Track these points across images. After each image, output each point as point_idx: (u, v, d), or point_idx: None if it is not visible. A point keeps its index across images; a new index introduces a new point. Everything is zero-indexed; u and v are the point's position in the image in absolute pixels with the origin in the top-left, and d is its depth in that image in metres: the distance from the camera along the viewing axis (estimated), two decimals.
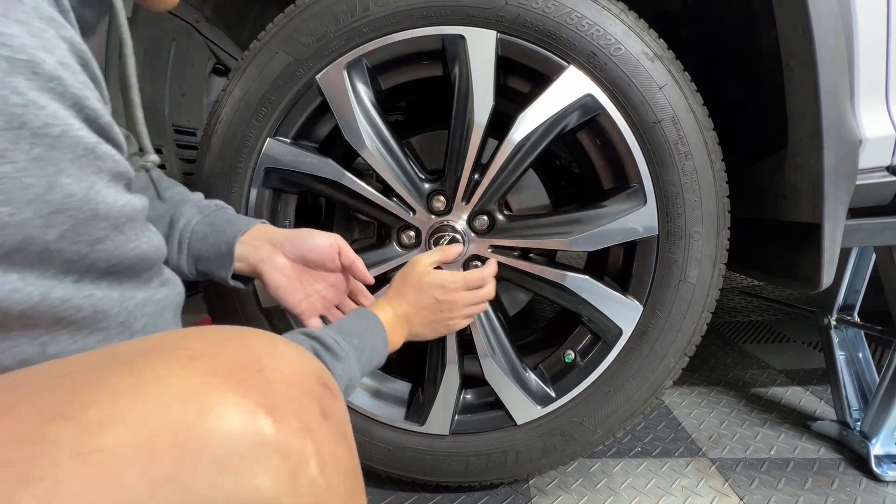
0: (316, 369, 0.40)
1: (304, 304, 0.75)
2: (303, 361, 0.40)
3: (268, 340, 0.40)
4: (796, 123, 0.89)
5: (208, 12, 1.26)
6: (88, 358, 0.34)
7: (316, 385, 0.39)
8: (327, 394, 0.39)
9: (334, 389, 0.41)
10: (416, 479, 1.03)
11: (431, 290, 0.79)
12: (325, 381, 0.40)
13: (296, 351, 0.41)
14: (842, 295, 1.22)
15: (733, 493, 1.01)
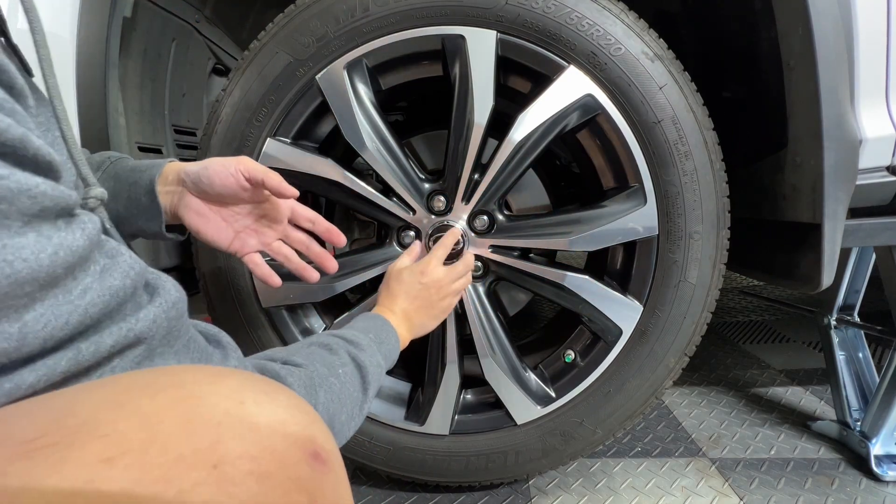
0: (301, 434, 0.31)
1: (236, 242, 0.69)
2: (282, 427, 0.30)
3: (230, 400, 0.29)
4: (796, 123, 0.89)
5: (208, 12, 1.26)
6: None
7: (300, 463, 0.29)
8: (316, 470, 0.30)
9: (327, 454, 0.32)
10: (416, 479, 1.03)
11: (413, 278, 0.82)
12: (314, 447, 0.31)
13: (272, 409, 0.30)
14: (842, 295, 1.22)
15: (733, 493, 1.01)
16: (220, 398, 0.29)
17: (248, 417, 0.29)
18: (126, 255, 0.36)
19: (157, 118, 1.15)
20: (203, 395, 0.29)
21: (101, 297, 0.33)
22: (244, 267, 0.94)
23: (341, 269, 0.96)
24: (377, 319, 0.74)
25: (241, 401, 0.29)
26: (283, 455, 0.28)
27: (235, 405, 0.29)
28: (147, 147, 1.11)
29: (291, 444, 0.29)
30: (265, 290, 0.95)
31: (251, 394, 0.30)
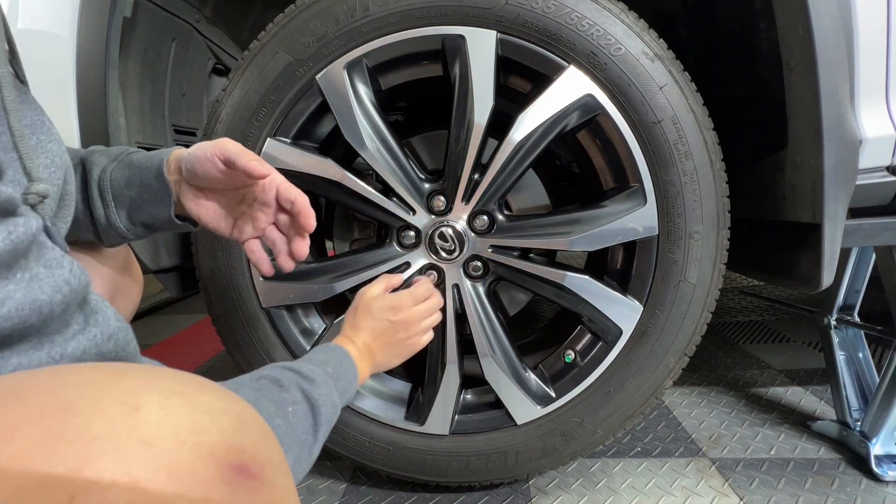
0: (222, 443, 0.25)
1: (235, 230, 0.68)
2: (192, 437, 0.24)
3: (121, 406, 0.23)
4: (796, 123, 0.89)
5: (208, 12, 1.26)
6: None
7: (213, 480, 0.24)
8: (239, 488, 0.24)
9: (259, 465, 0.26)
10: (416, 479, 1.03)
11: (383, 314, 0.79)
12: (237, 459, 0.25)
13: (183, 413, 0.25)
14: (842, 295, 1.22)
15: (733, 493, 1.01)
16: (106, 403, 0.23)
17: (141, 427, 0.23)
18: (66, 268, 0.32)
19: (157, 118, 1.15)
20: (82, 401, 0.23)
21: (19, 311, 0.28)
22: (244, 266, 0.94)
23: (341, 269, 0.96)
24: (338, 352, 0.71)
25: (135, 406, 0.24)
26: (187, 473, 0.23)
27: (125, 413, 0.23)
28: (147, 147, 1.10)
29: (203, 457, 0.24)
30: (265, 290, 0.95)
31: (156, 396, 0.25)
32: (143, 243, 0.99)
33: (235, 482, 0.24)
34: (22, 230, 0.29)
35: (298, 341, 0.98)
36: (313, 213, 0.64)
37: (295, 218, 0.64)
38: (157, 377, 0.26)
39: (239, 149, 0.60)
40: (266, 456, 0.27)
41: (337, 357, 0.70)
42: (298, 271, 0.97)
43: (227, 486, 0.24)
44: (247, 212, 0.67)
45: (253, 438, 0.27)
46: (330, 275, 0.96)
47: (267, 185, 0.64)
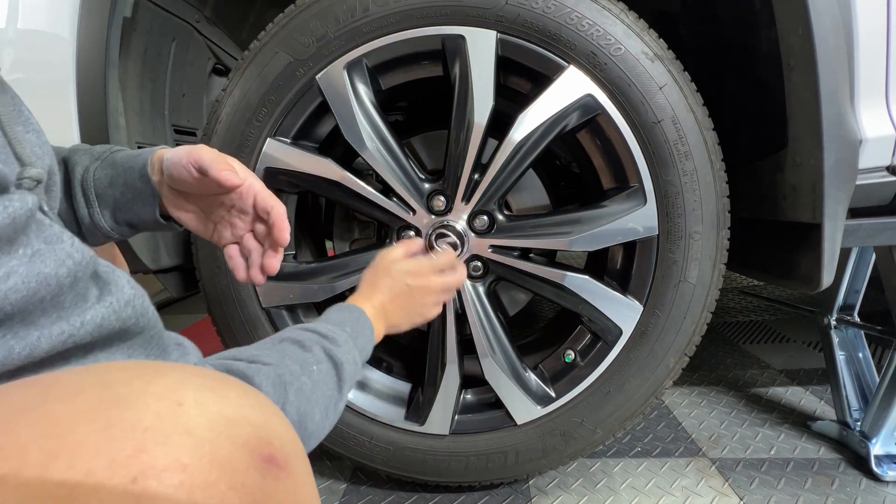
0: (253, 436, 0.27)
1: (215, 234, 0.66)
2: (227, 429, 0.26)
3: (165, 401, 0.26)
4: (796, 123, 0.88)
5: (208, 12, 1.26)
6: None
7: (248, 468, 0.26)
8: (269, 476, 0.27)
9: (284, 456, 0.28)
10: (416, 479, 1.03)
11: (403, 277, 0.79)
12: (265, 450, 0.27)
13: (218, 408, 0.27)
14: (842, 295, 1.22)
15: (733, 493, 1.01)
16: (151, 399, 0.25)
17: (184, 420, 0.25)
18: (67, 242, 0.33)
19: (157, 118, 1.15)
20: (131, 396, 0.25)
21: (26, 284, 0.29)
22: None
23: (341, 269, 0.96)
24: (353, 311, 0.71)
25: (178, 401, 0.26)
26: (225, 461, 0.25)
27: (170, 406, 0.25)
28: (147, 147, 1.10)
29: (238, 447, 0.26)
30: (265, 290, 0.95)
31: (192, 392, 0.27)
32: (144, 243, 0.99)
33: (265, 471, 0.27)
34: (18, 205, 0.30)
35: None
36: (288, 226, 0.62)
37: (270, 229, 0.62)
38: (191, 374, 0.29)
39: (212, 157, 0.58)
40: (290, 448, 0.29)
41: (353, 316, 0.70)
42: (298, 271, 0.97)
43: (259, 474, 0.26)
44: (225, 217, 0.65)
45: (277, 431, 0.29)
46: (330, 275, 0.96)
47: (244, 192, 0.62)
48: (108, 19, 0.90)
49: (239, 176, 0.59)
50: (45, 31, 0.88)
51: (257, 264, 0.65)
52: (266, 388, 0.48)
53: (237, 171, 0.59)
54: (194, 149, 0.59)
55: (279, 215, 0.61)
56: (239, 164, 0.61)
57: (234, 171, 0.58)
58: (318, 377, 0.55)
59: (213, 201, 0.64)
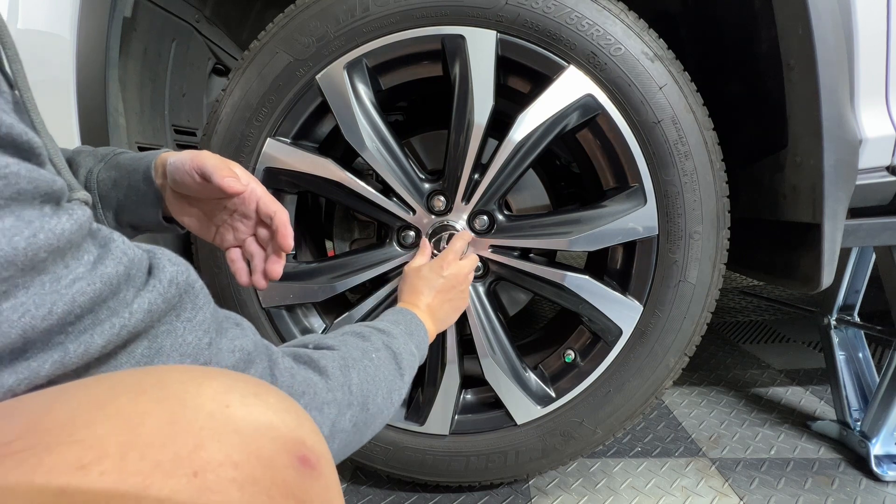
0: (290, 437, 0.30)
1: (217, 237, 0.66)
2: (269, 431, 0.29)
3: (215, 402, 0.28)
4: (796, 123, 0.88)
5: (208, 12, 1.26)
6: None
7: (287, 467, 0.28)
8: (304, 475, 0.29)
9: (316, 457, 0.31)
10: (416, 479, 1.03)
11: (437, 273, 0.83)
12: (301, 451, 0.30)
13: (260, 411, 0.29)
14: (842, 295, 1.22)
15: (733, 493, 1.01)
16: (204, 400, 0.28)
17: (232, 421, 0.28)
18: (118, 241, 0.35)
19: (157, 118, 1.15)
20: (187, 396, 0.27)
21: (92, 286, 0.31)
22: None
23: (341, 269, 0.96)
24: (405, 314, 0.74)
25: (226, 403, 0.28)
26: (269, 460, 0.27)
27: (220, 408, 0.28)
28: (147, 147, 1.10)
29: (279, 448, 0.28)
30: (265, 290, 0.95)
31: (238, 396, 0.29)
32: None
33: (301, 470, 0.29)
34: (80, 213, 0.32)
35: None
36: (291, 231, 0.62)
37: (273, 234, 0.63)
38: (235, 379, 0.31)
39: (216, 163, 0.58)
40: (321, 450, 0.31)
41: (406, 317, 0.74)
42: (298, 271, 0.97)
43: (296, 473, 0.29)
44: (228, 220, 0.65)
45: (309, 434, 0.31)
46: (330, 275, 0.96)
47: (247, 197, 0.62)
48: (108, 19, 0.90)
49: (241, 182, 0.59)
50: (45, 31, 0.88)
51: (260, 269, 0.66)
52: (333, 370, 0.51)
53: (240, 178, 0.59)
54: (197, 154, 0.59)
55: (282, 221, 0.61)
56: (241, 170, 0.62)
57: (237, 178, 0.59)
58: (378, 362, 0.58)
59: (215, 205, 0.64)
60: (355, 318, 0.95)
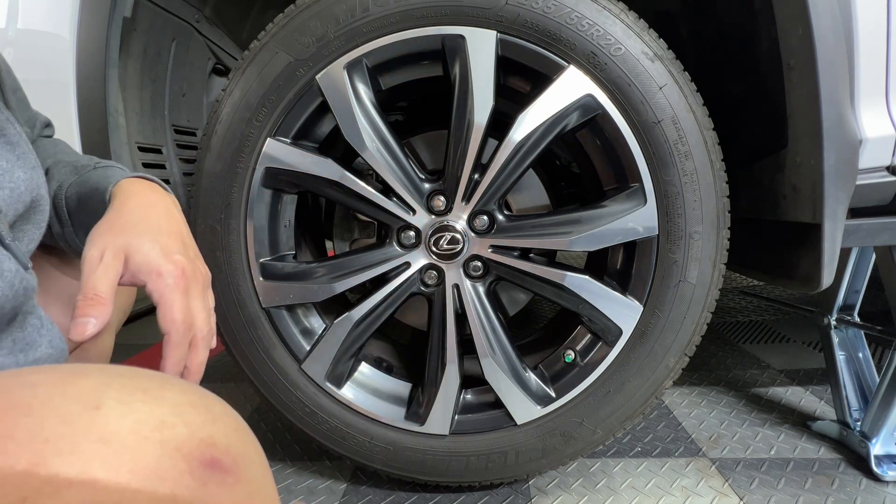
0: (190, 438, 0.24)
1: None
2: (157, 433, 0.23)
3: (78, 405, 0.23)
4: (796, 123, 0.89)
5: (208, 12, 1.26)
6: None
7: (183, 476, 0.23)
8: (210, 482, 0.24)
9: (232, 458, 0.25)
10: (416, 479, 1.03)
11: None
12: (207, 453, 0.24)
13: (147, 409, 0.24)
14: (842, 295, 1.22)
15: (733, 493, 1.01)
16: (61, 403, 0.22)
17: (99, 426, 0.22)
18: (9, 273, 0.30)
19: (157, 118, 1.15)
20: (35, 401, 0.22)
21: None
22: (244, 266, 0.94)
23: (341, 269, 0.96)
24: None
25: (95, 404, 0.23)
26: (150, 470, 0.22)
27: (82, 411, 0.22)
28: (147, 147, 1.11)
29: (169, 452, 0.23)
30: (265, 290, 0.95)
31: (114, 394, 0.24)
32: None
33: (206, 477, 0.24)
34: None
35: (298, 341, 0.98)
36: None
37: None
38: (118, 375, 0.26)
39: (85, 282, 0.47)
40: (240, 450, 0.26)
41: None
42: (298, 271, 0.97)
43: (197, 482, 0.23)
44: None
45: (224, 431, 0.26)
46: (330, 275, 0.96)
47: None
48: (108, 19, 0.90)
49: (86, 332, 0.43)
50: (45, 31, 0.88)
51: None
52: None
53: (87, 324, 0.43)
54: (87, 261, 0.48)
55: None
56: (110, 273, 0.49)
57: (84, 326, 0.43)
58: None
59: None
60: (355, 318, 0.95)
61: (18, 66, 0.88)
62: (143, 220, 0.53)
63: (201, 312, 0.52)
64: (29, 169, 0.50)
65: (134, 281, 0.50)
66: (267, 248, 0.96)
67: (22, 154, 0.49)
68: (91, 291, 0.45)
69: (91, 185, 0.59)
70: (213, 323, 0.55)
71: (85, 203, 0.59)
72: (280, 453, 1.21)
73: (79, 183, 0.60)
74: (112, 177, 0.59)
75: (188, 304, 0.51)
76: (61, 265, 0.70)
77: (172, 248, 0.53)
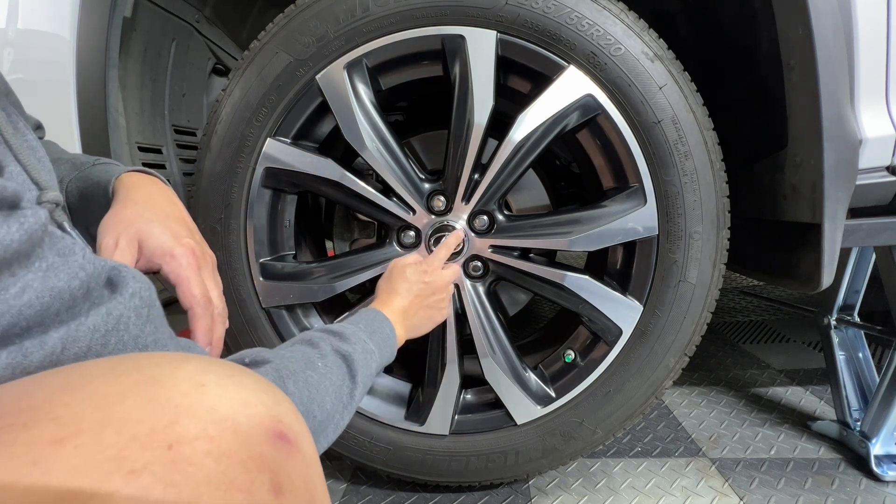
0: (266, 414, 0.31)
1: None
2: (244, 408, 0.30)
3: (190, 382, 0.29)
4: (796, 123, 0.88)
5: (208, 12, 1.26)
6: None
7: (263, 442, 0.29)
8: (281, 450, 0.30)
9: (294, 434, 0.32)
10: (416, 479, 1.03)
11: (418, 277, 0.83)
12: (277, 427, 0.31)
13: (235, 391, 0.30)
14: (842, 295, 1.22)
15: (733, 493, 1.01)
16: (179, 380, 0.29)
17: (208, 399, 0.29)
18: (79, 254, 0.35)
19: (157, 118, 1.15)
20: (163, 378, 0.29)
21: (40, 299, 0.31)
22: (244, 266, 0.94)
23: (341, 269, 0.96)
24: (370, 312, 0.74)
25: (201, 383, 0.30)
26: (244, 435, 0.28)
27: (195, 387, 0.29)
28: (147, 147, 1.11)
29: (254, 424, 0.29)
30: (265, 290, 0.95)
31: (213, 377, 0.30)
32: None
33: (277, 445, 0.30)
34: (32, 220, 0.32)
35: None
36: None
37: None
38: (211, 363, 0.32)
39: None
40: (299, 428, 0.33)
41: (369, 316, 0.73)
42: (298, 271, 0.97)
43: (273, 447, 0.29)
44: None
45: (287, 413, 0.32)
46: (330, 275, 0.96)
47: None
48: (108, 19, 0.90)
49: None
50: (45, 31, 0.88)
51: None
52: None
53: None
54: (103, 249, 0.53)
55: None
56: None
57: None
58: (324, 370, 0.57)
59: None
60: None
61: (18, 66, 0.88)
62: (150, 209, 0.56)
63: (215, 290, 0.57)
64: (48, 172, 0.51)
65: (149, 265, 0.54)
66: (267, 248, 0.96)
67: (42, 157, 0.51)
68: None
69: (93, 181, 0.60)
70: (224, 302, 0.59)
71: (86, 198, 0.60)
72: None
73: (80, 178, 0.62)
74: (113, 172, 0.61)
75: (203, 281, 0.56)
76: None
77: (181, 231, 0.57)
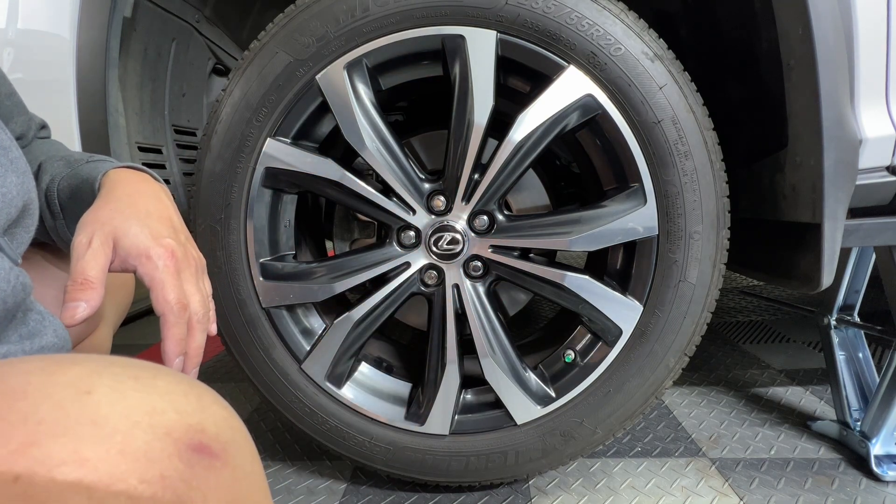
0: (179, 423, 0.25)
1: None
2: (147, 418, 0.24)
3: (70, 390, 0.24)
4: (796, 123, 0.89)
5: (208, 12, 1.26)
6: None
7: (169, 458, 0.24)
8: (197, 465, 0.25)
9: (221, 444, 0.26)
10: (416, 479, 1.03)
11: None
12: (195, 438, 0.25)
13: (138, 397, 0.25)
14: (842, 295, 1.22)
15: (733, 493, 1.01)
16: (54, 389, 0.24)
17: (90, 410, 0.23)
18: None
19: (157, 118, 1.15)
20: (30, 386, 0.23)
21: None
22: (244, 266, 0.94)
23: (341, 269, 0.96)
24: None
25: (87, 390, 0.24)
26: (140, 452, 0.23)
27: (76, 396, 0.24)
28: (147, 147, 1.11)
29: (159, 436, 0.24)
30: (265, 290, 0.95)
31: (107, 381, 0.25)
32: None
33: (194, 460, 0.25)
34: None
35: (298, 341, 0.98)
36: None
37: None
38: (110, 363, 0.27)
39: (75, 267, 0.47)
40: (229, 437, 0.27)
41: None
42: (298, 271, 0.97)
43: (185, 464, 0.24)
44: None
45: (214, 420, 0.27)
46: (330, 275, 0.96)
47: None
48: (108, 19, 0.90)
49: (76, 315, 0.44)
50: (45, 31, 0.88)
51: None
52: None
53: (77, 307, 0.44)
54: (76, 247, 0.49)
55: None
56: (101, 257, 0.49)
57: (74, 310, 0.44)
58: None
59: None
60: (355, 318, 0.95)
61: (19, 66, 0.88)
62: (130, 206, 0.53)
63: (195, 295, 0.52)
64: (20, 174, 0.50)
65: (125, 266, 0.50)
66: (267, 248, 0.96)
67: (14, 159, 0.50)
68: (80, 276, 0.45)
69: (82, 177, 0.59)
70: (210, 307, 0.55)
71: (76, 195, 0.59)
72: (280, 453, 1.22)
73: (71, 176, 0.60)
74: (102, 169, 0.60)
75: (181, 286, 0.51)
76: (54, 260, 0.70)
77: (161, 231, 0.53)
